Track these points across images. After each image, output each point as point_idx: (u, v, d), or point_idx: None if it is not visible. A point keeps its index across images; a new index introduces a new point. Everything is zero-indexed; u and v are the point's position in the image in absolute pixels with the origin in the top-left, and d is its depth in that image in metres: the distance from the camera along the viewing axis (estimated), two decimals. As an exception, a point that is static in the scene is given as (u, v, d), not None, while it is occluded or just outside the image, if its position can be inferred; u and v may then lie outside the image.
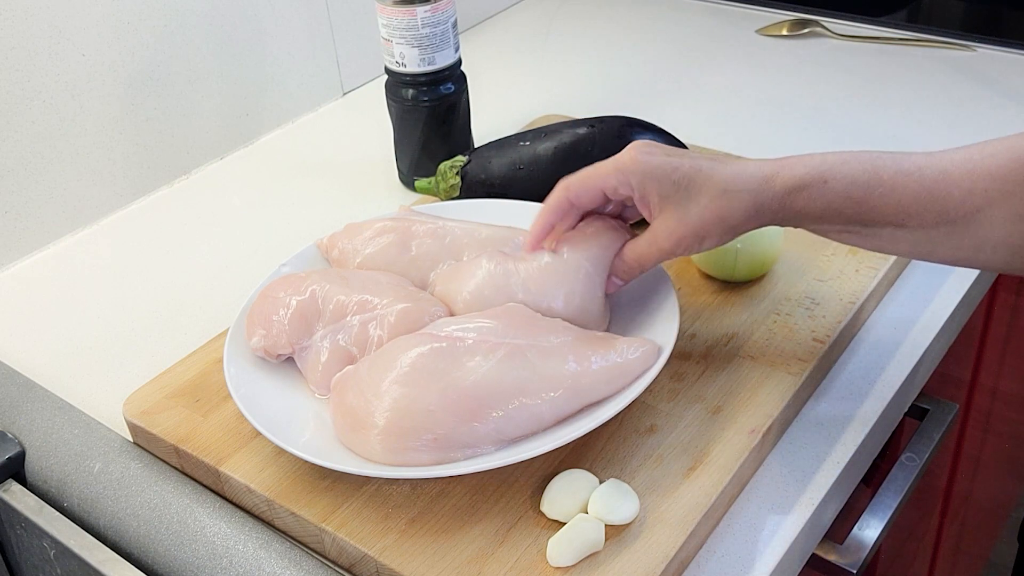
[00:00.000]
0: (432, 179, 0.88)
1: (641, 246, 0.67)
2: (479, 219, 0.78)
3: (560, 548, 0.57)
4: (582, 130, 0.83)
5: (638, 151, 0.65)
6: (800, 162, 0.62)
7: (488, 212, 0.80)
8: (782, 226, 0.64)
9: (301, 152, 1.08)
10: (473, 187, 0.85)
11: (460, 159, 0.87)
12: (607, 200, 0.68)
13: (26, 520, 0.67)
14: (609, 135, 0.82)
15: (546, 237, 0.69)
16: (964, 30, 1.19)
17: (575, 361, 0.63)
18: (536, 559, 0.58)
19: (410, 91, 0.92)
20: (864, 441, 0.67)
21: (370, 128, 1.09)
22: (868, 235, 0.62)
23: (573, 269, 0.68)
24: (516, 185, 0.84)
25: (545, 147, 0.83)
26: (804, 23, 1.23)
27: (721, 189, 0.62)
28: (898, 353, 0.74)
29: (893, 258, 0.78)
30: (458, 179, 0.86)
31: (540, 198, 0.81)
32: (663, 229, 0.64)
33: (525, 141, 0.85)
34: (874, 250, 0.64)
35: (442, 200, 0.87)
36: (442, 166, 0.87)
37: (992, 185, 0.57)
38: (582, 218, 0.70)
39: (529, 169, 0.83)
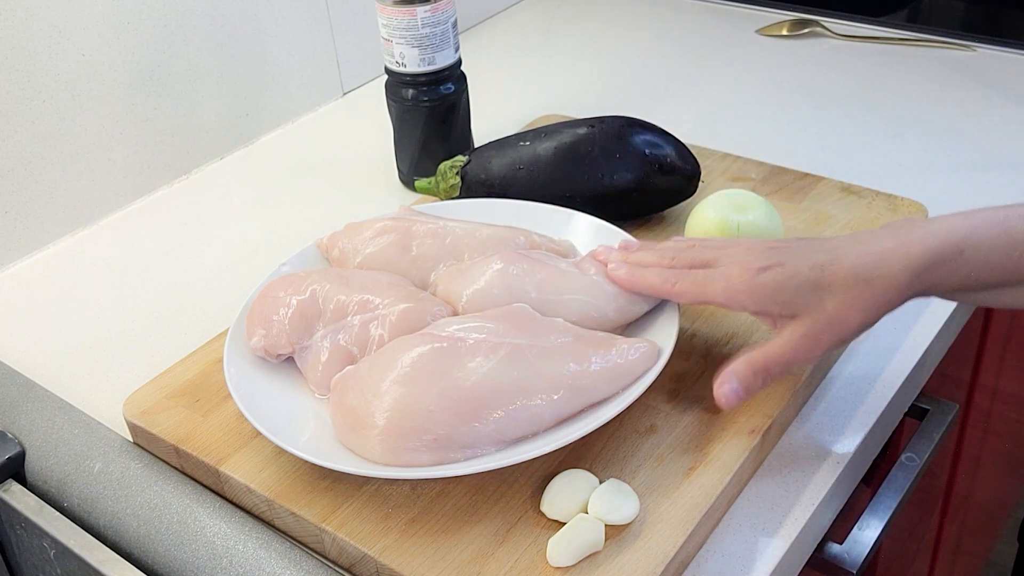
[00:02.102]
0: (432, 179, 0.88)
1: (774, 351, 0.60)
2: (479, 219, 0.78)
3: (560, 548, 0.57)
4: (582, 130, 0.83)
5: (743, 268, 0.60)
6: (930, 233, 0.58)
7: (488, 212, 0.80)
8: (922, 297, 0.60)
9: (301, 152, 1.08)
10: (473, 187, 0.85)
11: (460, 159, 0.87)
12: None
13: (26, 520, 0.67)
14: (609, 135, 0.82)
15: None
16: (964, 30, 1.19)
17: (575, 362, 0.63)
18: (536, 559, 0.58)
19: (410, 91, 0.92)
20: (864, 441, 0.67)
21: (370, 128, 1.09)
22: (1008, 294, 0.58)
23: (594, 283, 0.68)
24: (516, 185, 0.84)
25: (545, 147, 0.83)
26: (804, 23, 1.23)
27: (854, 278, 0.58)
28: (898, 353, 0.74)
29: (893, 258, 0.78)
30: (458, 179, 0.86)
31: (540, 198, 0.81)
32: (796, 335, 0.59)
33: (525, 141, 0.85)
34: (1018, 308, 0.60)
35: (442, 200, 0.87)
36: (442, 166, 0.87)
37: None
38: None
39: (529, 169, 0.83)
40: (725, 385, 0.61)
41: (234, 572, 0.59)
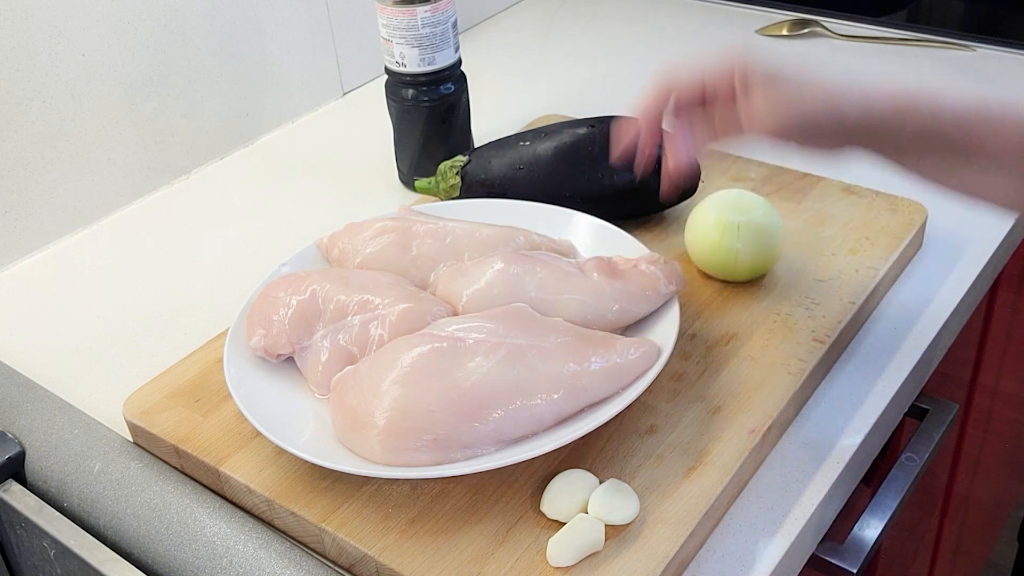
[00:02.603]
0: (432, 179, 0.88)
1: (734, 121, 0.61)
2: (479, 219, 0.78)
3: (560, 548, 0.57)
4: (582, 130, 0.83)
5: (744, 56, 0.62)
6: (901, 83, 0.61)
7: (488, 212, 0.80)
8: (877, 148, 0.61)
9: (301, 152, 1.08)
10: (473, 187, 0.85)
11: (460, 159, 0.87)
12: (702, 97, 0.63)
13: (26, 520, 0.67)
14: (609, 135, 0.82)
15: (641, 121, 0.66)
16: (964, 30, 1.19)
17: (575, 361, 0.63)
18: (536, 559, 0.58)
19: (410, 91, 0.92)
20: (864, 441, 0.67)
21: (370, 128, 1.09)
22: (966, 169, 0.59)
23: (594, 285, 0.68)
24: (516, 185, 0.84)
25: (545, 147, 0.83)
26: (804, 23, 1.23)
27: (831, 82, 0.61)
28: (898, 353, 0.74)
29: (893, 258, 0.78)
30: (458, 179, 0.86)
31: (540, 198, 0.81)
32: (766, 106, 0.60)
33: (525, 141, 0.85)
34: (967, 193, 0.60)
35: (442, 200, 0.87)
36: (442, 166, 0.87)
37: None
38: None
39: (529, 169, 0.83)
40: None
41: (234, 572, 0.59)
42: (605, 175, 0.82)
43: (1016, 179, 0.58)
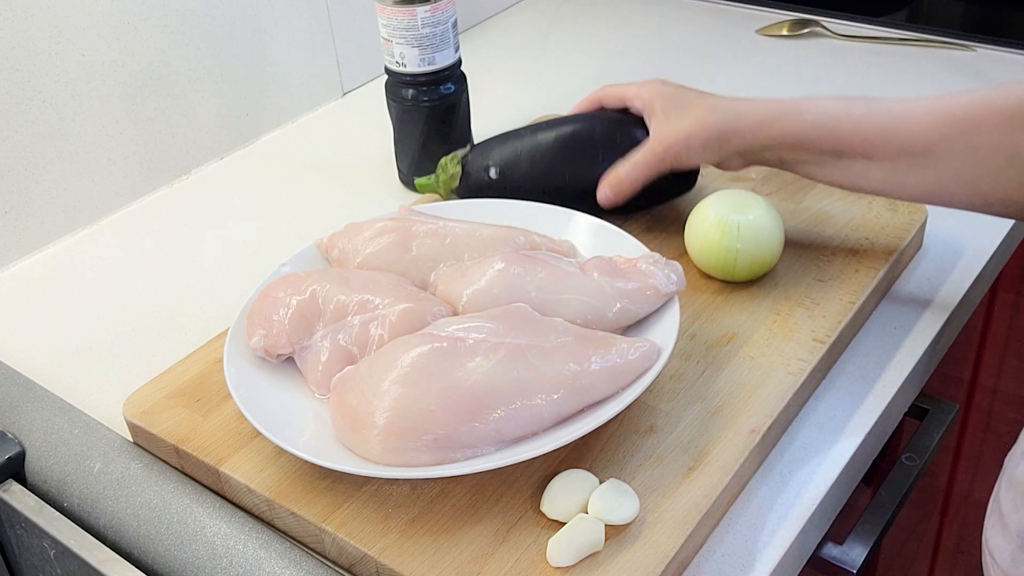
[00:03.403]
0: (432, 176, 0.88)
1: (635, 155, 0.78)
2: (479, 219, 0.78)
3: (560, 548, 0.57)
4: (584, 121, 0.84)
5: (662, 82, 0.80)
6: (780, 100, 0.73)
7: (488, 212, 0.80)
8: (762, 158, 0.75)
9: (301, 152, 1.08)
10: (473, 175, 0.85)
11: (461, 151, 0.87)
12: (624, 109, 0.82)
13: (26, 520, 0.67)
14: (610, 125, 0.83)
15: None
16: (964, 30, 1.19)
17: (575, 361, 0.63)
18: (536, 559, 0.58)
19: (410, 91, 0.92)
20: (864, 441, 0.67)
21: (370, 128, 1.09)
22: (841, 167, 0.71)
23: (595, 285, 0.68)
24: (516, 173, 0.84)
25: (545, 136, 0.84)
26: (804, 23, 1.23)
27: (711, 107, 0.74)
28: (898, 353, 0.74)
29: (894, 258, 0.78)
30: (459, 168, 0.86)
31: (542, 188, 0.81)
32: (656, 134, 0.77)
33: (526, 132, 0.85)
34: (852, 188, 0.73)
35: (442, 195, 0.88)
36: (443, 160, 0.88)
37: (949, 121, 0.65)
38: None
39: (530, 157, 0.84)
40: (601, 193, 0.80)
41: (234, 572, 0.59)
42: (606, 164, 0.81)
43: (884, 168, 0.69)
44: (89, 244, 0.95)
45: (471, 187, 0.86)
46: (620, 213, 0.82)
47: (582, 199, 0.81)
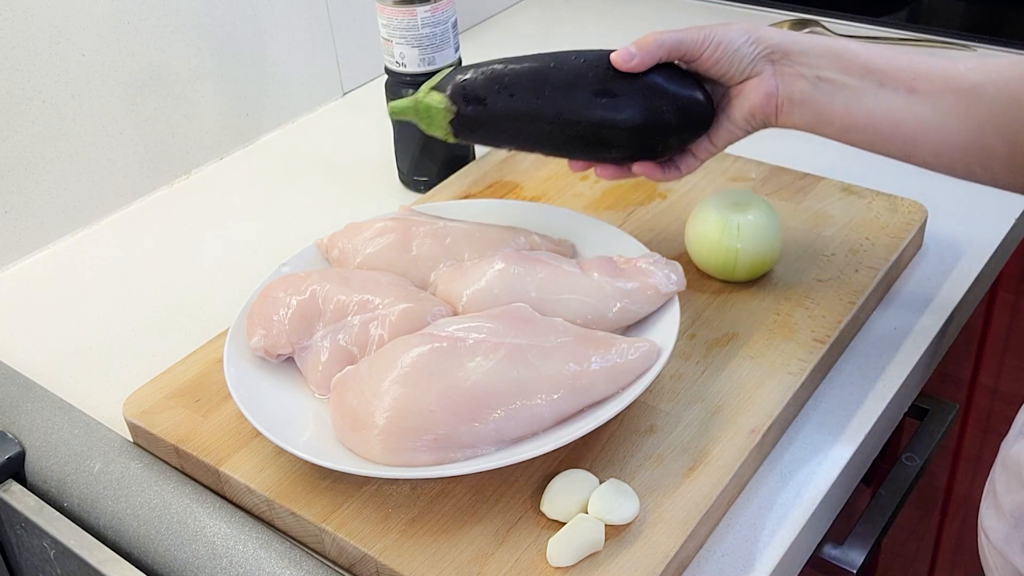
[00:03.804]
0: (411, 99, 0.73)
1: (659, 30, 0.70)
2: (479, 219, 0.78)
3: (560, 548, 0.57)
4: (580, 57, 0.72)
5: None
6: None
7: (488, 212, 0.80)
8: (797, 73, 0.68)
9: (301, 152, 1.08)
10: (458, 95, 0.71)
11: (438, 83, 0.72)
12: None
13: (26, 520, 0.67)
14: (605, 62, 0.71)
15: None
16: (964, 30, 1.19)
17: (575, 361, 0.63)
18: (536, 559, 0.58)
19: (410, 91, 0.92)
20: (864, 441, 0.67)
21: (370, 128, 1.09)
22: (883, 98, 0.66)
23: (595, 285, 0.68)
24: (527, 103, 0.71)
25: (532, 63, 0.72)
26: (804, 23, 1.23)
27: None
28: (898, 353, 0.74)
29: (893, 258, 0.78)
30: (444, 101, 0.72)
31: (531, 114, 0.70)
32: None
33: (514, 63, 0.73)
34: (890, 128, 0.66)
35: (422, 123, 0.73)
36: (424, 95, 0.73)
37: (994, 68, 0.64)
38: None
39: (512, 80, 0.71)
40: (620, 49, 0.70)
41: (234, 572, 0.59)
42: (599, 103, 0.70)
43: (928, 104, 0.66)
44: (89, 244, 0.95)
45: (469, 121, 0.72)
46: (618, 156, 0.73)
47: (578, 138, 0.71)
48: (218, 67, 1.02)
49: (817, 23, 1.23)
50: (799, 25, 1.23)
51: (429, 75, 0.90)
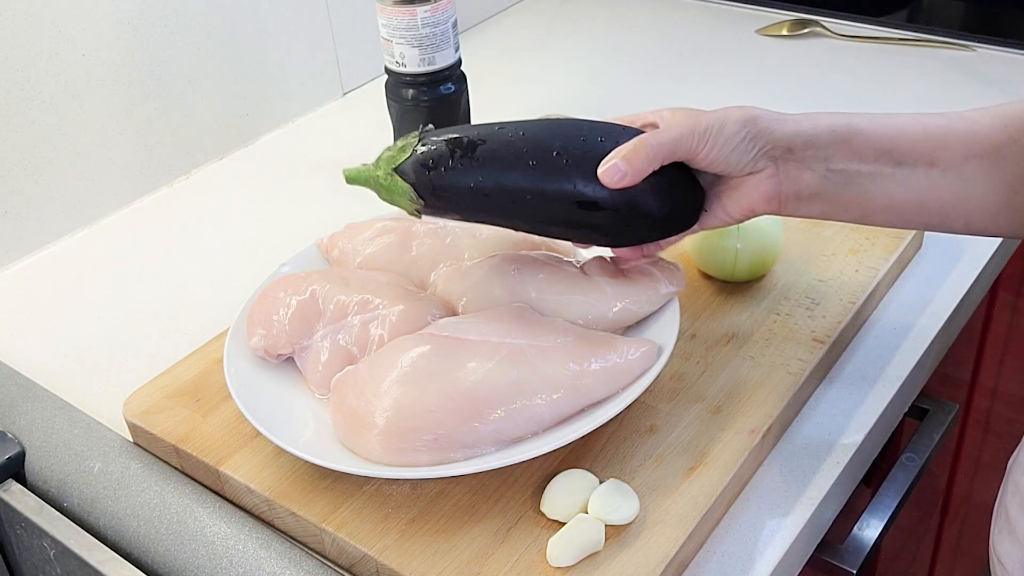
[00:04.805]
0: (365, 167, 0.67)
1: (649, 134, 0.61)
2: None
3: (560, 548, 0.57)
4: (560, 126, 0.65)
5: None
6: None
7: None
8: (804, 165, 0.61)
9: (301, 152, 1.08)
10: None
11: (409, 143, 0.65)
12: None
13: (26, 520, 0.67)
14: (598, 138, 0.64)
15: None
16: (964, 30, 1.19)
17: (575, 362, 0.63)
18: (536, 559, 0.58)
19: (410, 91, 0.92)
20: (864, 441, 0.67)
21: (370, 128, 1.09)
22: (903, 178, 0.60)
23: (595, 285, 0.68)
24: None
25: (507, 132, 0.64)
26: (804, 23, 1.23)
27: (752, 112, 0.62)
28: (898, 353, 0.74)
29: (894, 258, 0.78)
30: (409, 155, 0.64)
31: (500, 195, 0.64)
32: (676, 119, 0.62)
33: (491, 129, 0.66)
34: (916, 206, 0.61)
35: (385, 194, 0.67)
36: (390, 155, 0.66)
37: (1010, 122, 0.59)
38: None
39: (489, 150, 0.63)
40: (609, 163, 0.60)
41: (234, 572, 0.59)
42: (579, 182, 0.62)
43: (951, 176, 0.60)
44: (89, 244, 0.95)
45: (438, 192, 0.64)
46: (591, 240, 0.68)
47: (550, 224, 0.65)
48: (218, 67, 1.02)
49: (817, 23, 1.23)
50: (799, 25, 1.23)
51: (429, 75, 0.90)
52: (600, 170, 0.60)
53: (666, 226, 0.65)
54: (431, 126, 0.67)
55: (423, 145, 0.64)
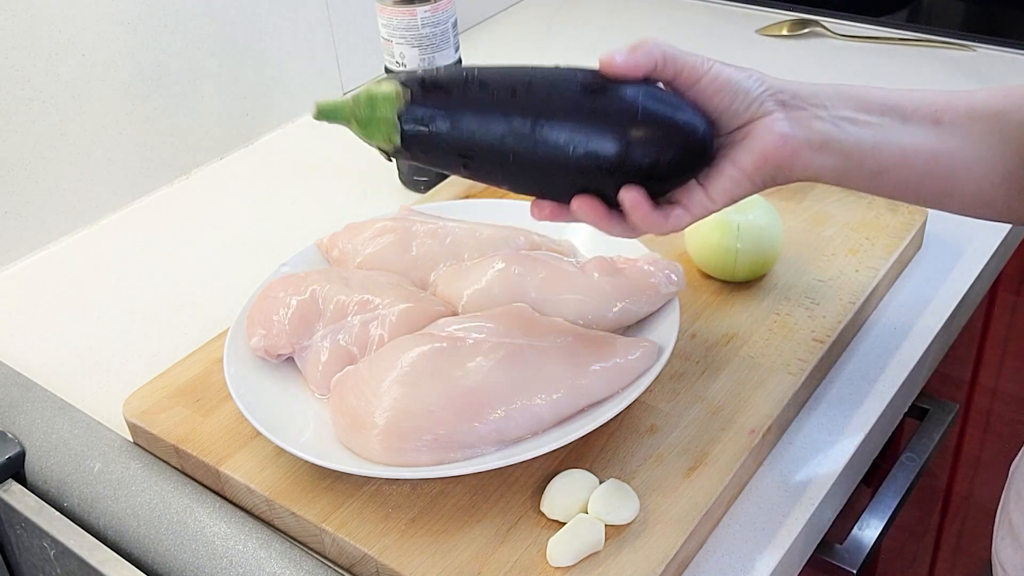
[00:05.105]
0: (343, 102, 0.61)
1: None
2: (479, 219, 0.78)
3: (560, 548, 0.57)
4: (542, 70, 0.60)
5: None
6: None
7: (488, 212, 0.80)
8: (814, 115, 0.58)
9: (301, 152, 1.07)
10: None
11: (391, 89, 0.58)
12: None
13: (26, 520, 0.67)
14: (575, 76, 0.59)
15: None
16: (964, 30, 1.19)
17: (575, 362, 0.63)
18: (536, 559, 0.58)
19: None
20: (864, 441, 0.67)
21: (370, 128, 1.08)
22: (910, 132, 0.58)
23: (595, 285, 0.68)
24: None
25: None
26: (804, 23, 1.23)
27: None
28: (898, 353, 0.74)
29: (894, 258, 0.78)
30: (395, 121, 0.58)
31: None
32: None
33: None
34: (927, 163, 0.59)
35: (364, 136, 0.61)
36: (369, 95, 0.60)
37: (1010, 91, 0.58)
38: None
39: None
40: (609, 50, 0.57)
41: (234, 572, 0.59)
42: (584, 103, 0.57)
43: (957, 135, 0.59)
44: (89, 244, 0.95)
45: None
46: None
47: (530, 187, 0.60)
48: (218, 67, 1.02)
49: (817, 23, 1.23)
50: (799, 25, 1.23)
51: (429, 75, 0.90)
52: (602, 56, 0.57)
53: (675, 160, 0.57)
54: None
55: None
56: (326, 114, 0.60)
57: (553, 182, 0.59)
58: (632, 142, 0.56)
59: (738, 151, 0.59)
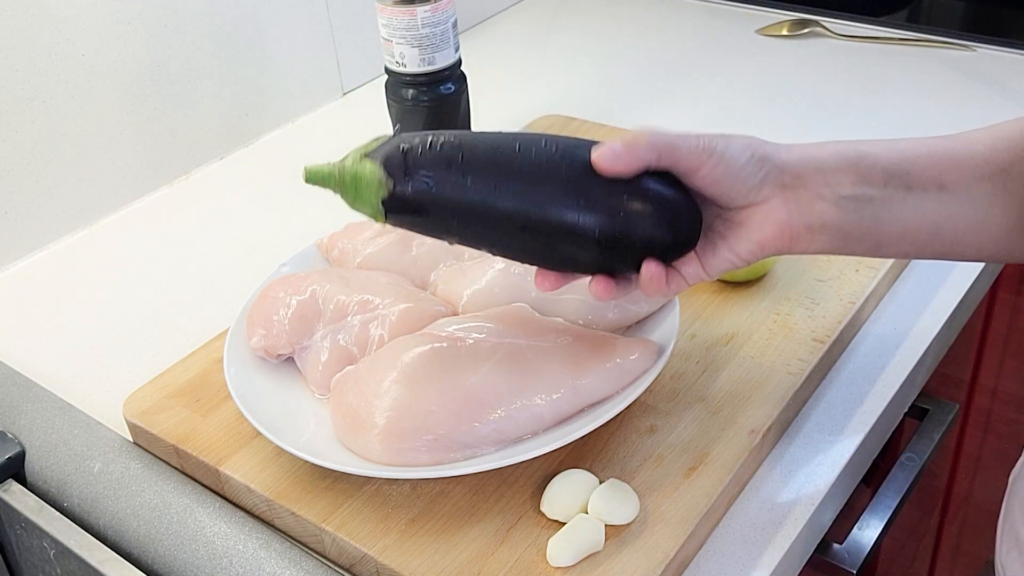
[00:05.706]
0: (330, 166, 0.59)
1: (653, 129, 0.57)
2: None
3: (560, 548, 0.57)
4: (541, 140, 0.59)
5: None
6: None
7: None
8: (812, 192, 0.57)
9: (301, 152, 1.07)
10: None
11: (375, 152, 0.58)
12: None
13: (26, 520, 0.67)
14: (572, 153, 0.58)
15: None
16: (964, 30, 1.19)
17: (575, 362, 0.63)
18: (536, 559, 0.58)
19: (410, 91, 0.92)
20: (864, 441, 0.67)
21: (370, 128, 1.08)
22: (914, 203, 0.57)
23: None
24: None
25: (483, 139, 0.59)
26: (804, 23, 1.23)
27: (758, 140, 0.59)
28: (898, 353, 0.74)
29: (893, 259, 0.78)
30: (380, 176, 0.57)
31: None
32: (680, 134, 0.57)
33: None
34: (932, 234, 0.58)
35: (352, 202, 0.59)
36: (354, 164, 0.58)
37: (1012, 143, 0.57)
38: None
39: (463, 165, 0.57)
40: (604, 146, 0.56)
41: (234, 572, 0.59)
42: (568, 203, 0.56)
43: (962, 199, 0.58)
44: (89, 244, 0.95)
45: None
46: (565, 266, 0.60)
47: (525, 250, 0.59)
48: (218, 67, 1.02)
49: (817, 23, 1.23)
50: (799, 25, 1.23)
51: (429, 75, 0.90)
52: (594, 154, 0.55)
53: (665, 247, 0.58)
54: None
55: (398, 138, 0.58)
56: (315, 180, 0.59)
57: (557, 263, 0.59)
58: (650, 220, 0.57)
59: (735, 238, 0.59)
